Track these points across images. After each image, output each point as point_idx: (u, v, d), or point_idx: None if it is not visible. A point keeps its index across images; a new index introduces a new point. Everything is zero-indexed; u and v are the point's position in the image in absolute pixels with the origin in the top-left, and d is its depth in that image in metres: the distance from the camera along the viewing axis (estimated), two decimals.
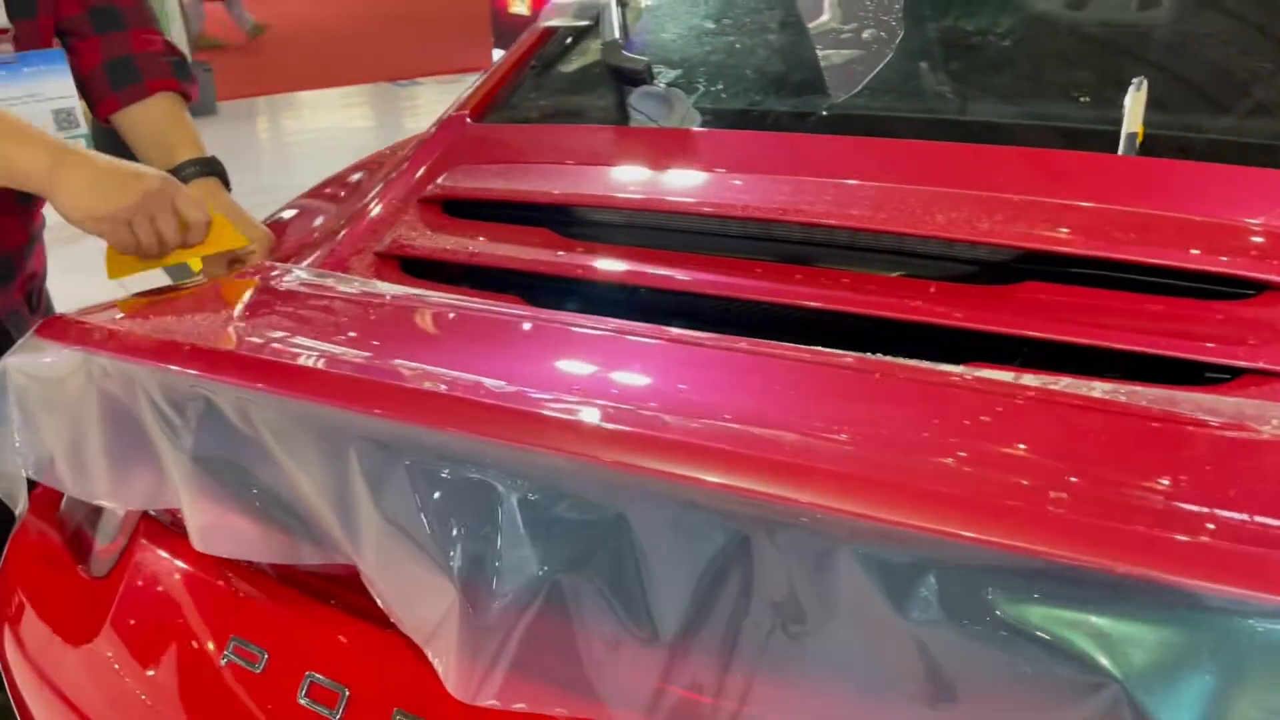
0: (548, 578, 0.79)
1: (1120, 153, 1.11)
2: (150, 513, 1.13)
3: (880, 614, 0.68)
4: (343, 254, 1.27)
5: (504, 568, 0.80)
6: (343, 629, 0.96)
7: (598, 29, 1.50)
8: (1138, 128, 1.11)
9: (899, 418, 0.79)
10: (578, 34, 1.58)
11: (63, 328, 1.04)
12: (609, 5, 1.49)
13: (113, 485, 1.04)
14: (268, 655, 0.97)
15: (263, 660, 0.97)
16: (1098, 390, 0.82)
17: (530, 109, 1.49)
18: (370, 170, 1.63)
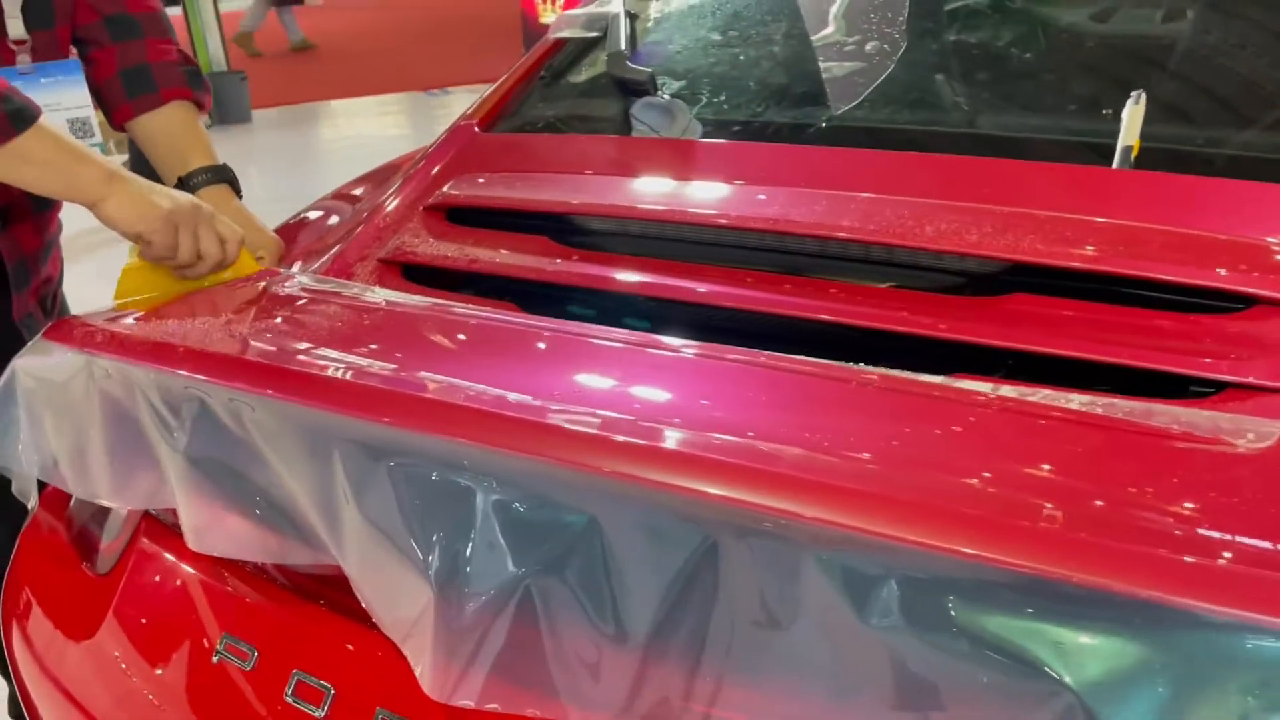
0: (523, 580, 0.81)
1: (1115, 166, 1.10)
2: (151, 512, 1.16)
3: (842, 620, 0.69)
4: (348, 260, 1.30)
5: (479, 570, 0.81)
6: (330, 629, 0.98)
7: (605, 41, 1.52)
8: (1134, 141, 1.11)
9: (859, 427, 0.80)
10: (586, 45, 1.59)
11: (69, 330, 1.06)
12: (616, 17, 1.51)
13: (113, 485, 1.07)
14: (257, 653, 0.98)
15: (253, 658, 0.98)
16: (1075, 402, 0.82)
17: (537, 119, 1.51)
18: (382, 177, 1.66)
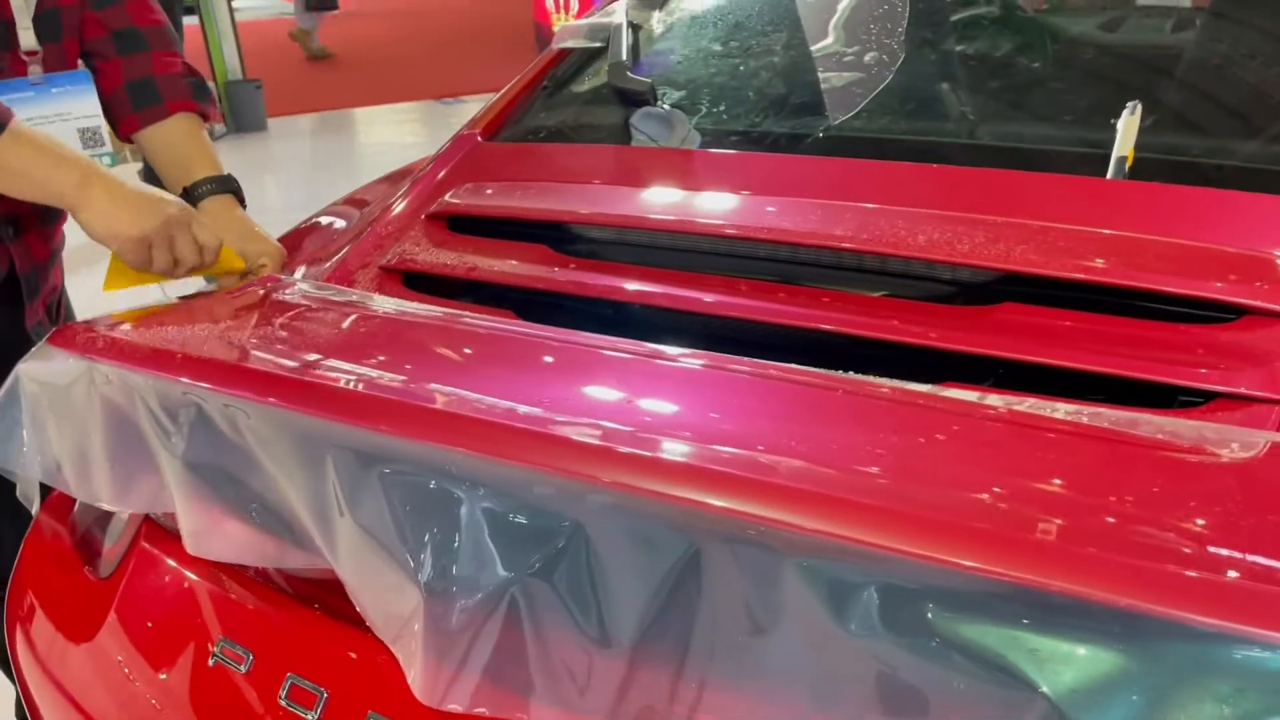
0: (512, 587, 0.81)
1: (1109, 176, 1.11)
2: (152, 516, 1.17)
3: (823, 627, 0.69)
4: (349, 267, 1.31)
5: (470, 576, 0.82)
6: (324, 632, 0.99)
7: (608, 51, 1.53)
8: (1128, 152, 1.11)
9: (844, 436, 0.81)
10: (589, 56, 1.60)
11: (72, 336, 1.08)
12: (619, 28, 1.52)
13: (114, 489, 1.08)
14: (252, 656, 0.99)
15: (248, 661, 0.99)
16: (1060, 411, 0.82)
17: (538, 128, 1.52)
18: (387, 185, 1.67)
